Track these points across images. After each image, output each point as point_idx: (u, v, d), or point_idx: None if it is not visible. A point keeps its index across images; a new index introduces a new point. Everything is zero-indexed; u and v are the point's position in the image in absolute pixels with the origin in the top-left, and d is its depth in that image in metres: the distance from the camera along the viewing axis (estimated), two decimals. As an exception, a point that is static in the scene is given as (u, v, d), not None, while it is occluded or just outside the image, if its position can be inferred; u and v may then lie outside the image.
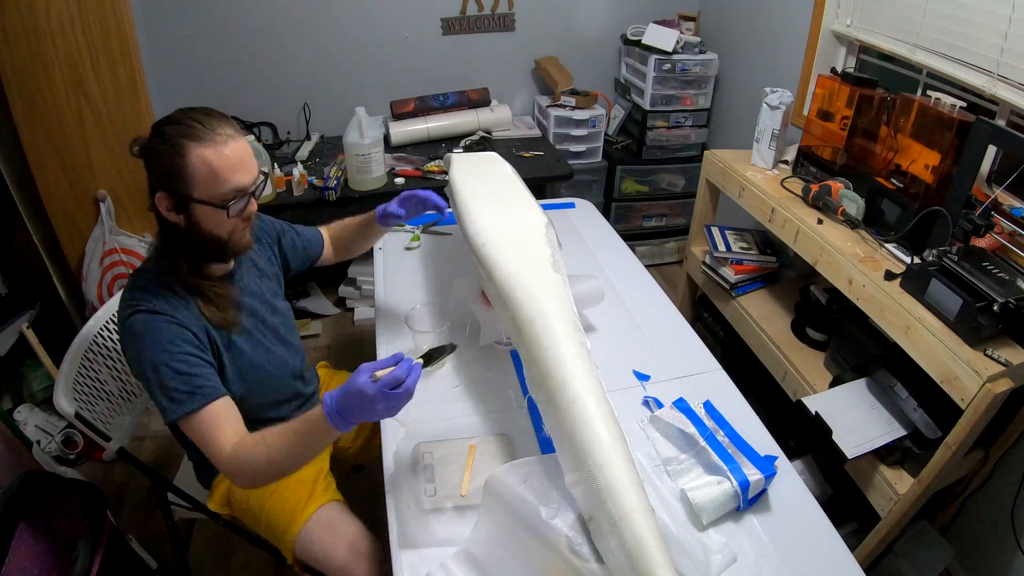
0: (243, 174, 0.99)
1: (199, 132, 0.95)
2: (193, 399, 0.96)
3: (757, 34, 2.53)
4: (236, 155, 0.98)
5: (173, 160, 0.94)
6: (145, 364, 0.97)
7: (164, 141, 0.95)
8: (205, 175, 0.95)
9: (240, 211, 1.01)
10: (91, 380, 1.28)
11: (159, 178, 0.97)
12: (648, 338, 1.39)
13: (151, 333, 0.97)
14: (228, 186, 0.97)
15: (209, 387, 0.98)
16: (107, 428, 1.27)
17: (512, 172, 1.48)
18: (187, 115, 0.98)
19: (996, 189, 1.47)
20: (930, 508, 1.60)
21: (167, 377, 0.96)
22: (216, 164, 0.95)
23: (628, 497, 0.78)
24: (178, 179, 0.95)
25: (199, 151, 0.94)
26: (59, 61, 1.80)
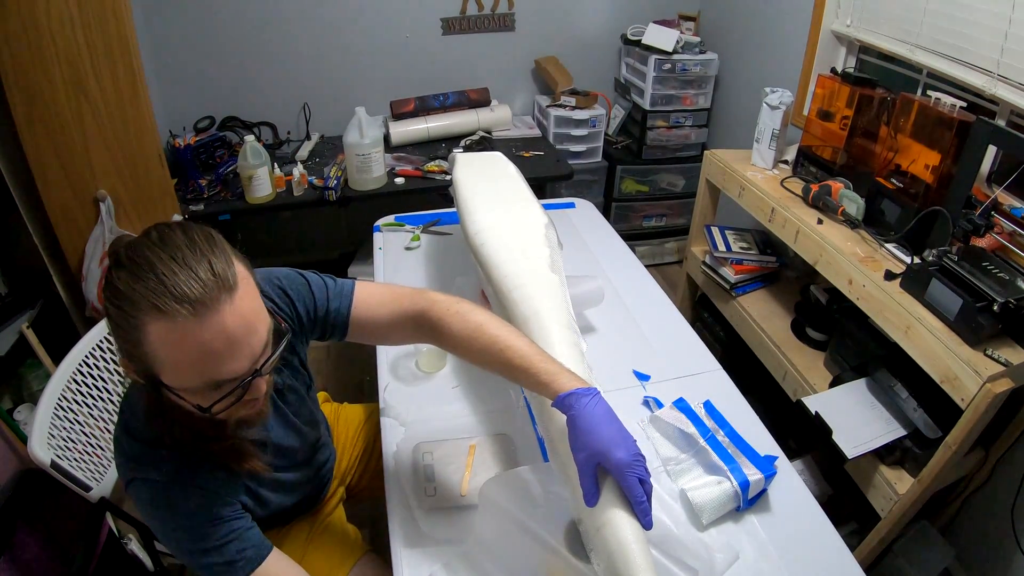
0: (231, 362, 0.66)
1: (159, 298, 0.61)
2: (235, 569, 0.79)
3: (757, 34, 2.53)
4: (219, 337, 0.64)
5: (127, 334, 0.65)
6: (166, 541, 0.80)
7: (116, 300, 0.64)
8: (171, 363, 0.65)
9: (232, 405, 0.70)
10: (68, 424, 1.17)
11: (115, 341, 0.69)
12: (648, 338, 1.39)
13: (161, 508, 0.77)
14: (207, 379, 0.66)
15: (250, 548, 0.80)
16: (87, 477, 1.17)
17: (516, 172, 1.49)
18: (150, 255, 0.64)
19: (996, 189, 1.47)
20: (930, 508, 1.60)
21: (197, 555, 0.78)
22: (186, 352, 0.64)
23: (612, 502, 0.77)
24: (136, 356, 0.66)
25: (159, 332, 0.63)
26: (59, 61, 1.80)
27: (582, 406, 0.77)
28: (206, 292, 0.63)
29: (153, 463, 0.77)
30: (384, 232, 1.81)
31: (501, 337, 0.87)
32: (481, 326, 0.89)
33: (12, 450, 1.64)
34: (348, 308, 0.93)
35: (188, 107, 2.52)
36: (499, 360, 0.86)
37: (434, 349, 1.27)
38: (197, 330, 0.63)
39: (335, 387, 2.35)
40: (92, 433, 1.24)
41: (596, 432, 0.75)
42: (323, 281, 0.95)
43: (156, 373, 0.67)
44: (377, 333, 0.98)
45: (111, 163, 1.97)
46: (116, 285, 0.64)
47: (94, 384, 1.27)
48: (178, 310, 0.61)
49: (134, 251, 0.65)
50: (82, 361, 1.24)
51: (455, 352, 0.93)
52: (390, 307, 0.95)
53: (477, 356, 0.89)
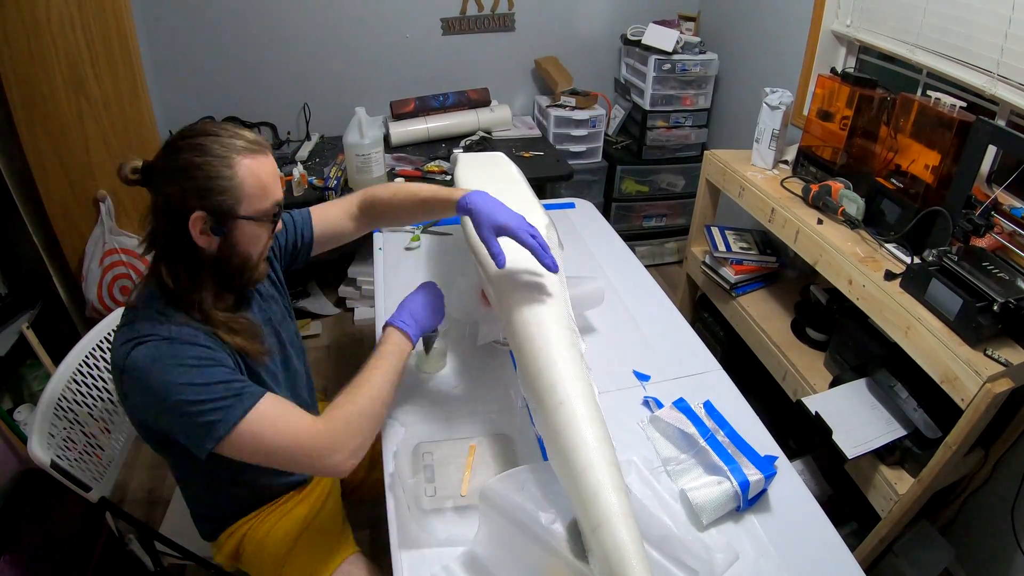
0: (279, 187, 0.95)
1: (240, 142, 0.88)
2: (242, 400, 0.85)
3: (757, 34, 2.53)
4: (273, 167, 0.93)
5: (221, 173, 0.86)
6: (164, 395, 0.83)
7: (205, 153, 0.86)
8: (253, 188, 0.89)
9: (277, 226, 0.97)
10: (68, 424, 1.19)
11: (197, 195, 0.85)
12: (648, 338, 1.39)
13: (164, 358, 0.84)
14: (272, 199, 0.92)
15: (251, 386, 0.89)
16: (87, 477, 1.18)
17: (517, 173, 1.49)
18: (215, 127, 0.89)
19: (996, 189, 1.47)
20: (930, 508, 1.60)
21: (201, 392, 0.83)
22: (263, 176, 0.90)
23: (608, 501, 0.77)
24: (225, 195, 0.87)
25: (248, 162, 0.88)
26: (59, 61, 1.80)
27: (476, 199, 1.05)
28: (263, 140, 0.93)
29: (157, 329, 0.87)
30: (384, 232, 1.81)
31: (413, 186, 1.17)
32: (399, 186, 1.19)
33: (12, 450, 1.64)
34: (310, 220, 1.19)
35: (188, 107, 2.52)
36: (416, 200, 1.16)
37: (434, 350, 1.27)
38: (266, 161, 0.91)
39: (335, 387, 2.33)
40: (92, 433, 1.24)
41: (491, 212, 1.03)
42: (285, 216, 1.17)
43: (235, 206, 0.88)
44: (335, 231, 1.21)
45: (111, 163, 1.97)
46: (201, 143, 0.86)
47: (94, 384, 1.27)
48: (255, 149, 0.90)
49: (199, 127, 0.89)
50: (82, 361, 1.24)
51: (390, 212, 1.20)
52: (338, 207, 1.22)
53: (403, 205, 1.18)
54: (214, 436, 0.83)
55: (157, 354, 0.84)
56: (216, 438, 0.83)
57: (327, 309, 2.73)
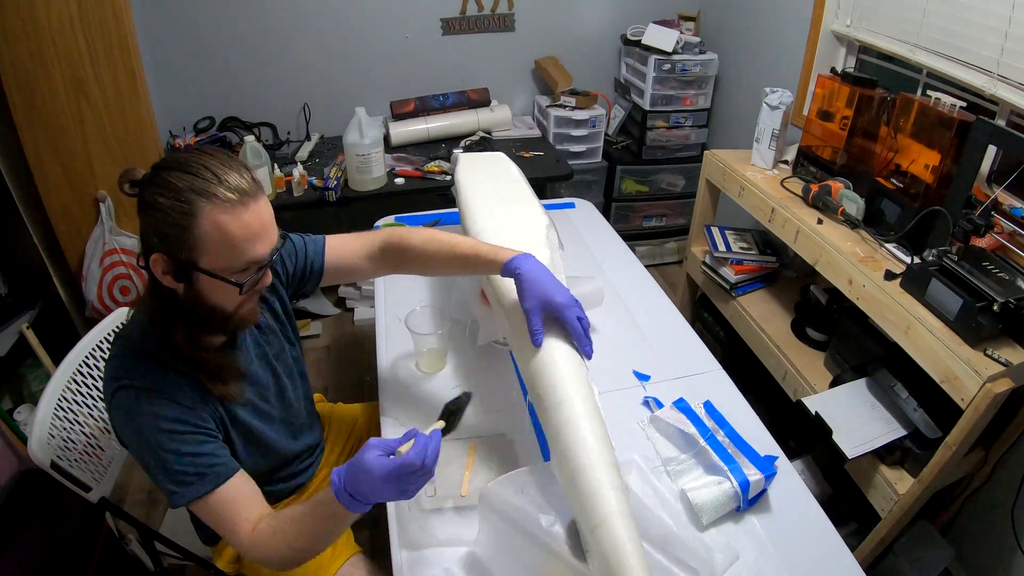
0: (262, 244, 0.83)
1: (214, 188, 0.77)
2: (203, 481, 0.84)
3: (757, 34, 2.53)
4: (257, 221, 0.81)
5: (179, 220, 0.77)
6: (142, 448, 0.84)
7: (170, 194, 0.77)
8: (218, 244, 0.79)
9: (253, 286, 0.86)
10: (68, 424, 1.18)
11: (157, 237, 0.80)
12: (648, 338, 1.39)
13: (144, 414, 0.83)
14: (244, 259, 0.81)
15: (220, 465, 0.87)
16: (87, 477, 1.17)
17: (518, 173, 1.49)
18: (200, 161, 0.79)
19: (996, 189, 1.47)
20: (930, 508, 1.60)
21: (170, 461, 0.83)
22: (233, 232, 0.79)
23: (607, 501, 0.77)
24: (182, 243, 0.78)
25: (214, 215, 0.77)
26: (59, 61, 1.80)
27: (525, 266, 0.97)
28: (249, 187, 0.81)
29: (141, 371, 0.85)
30: (384, 232, 1.81)
31: (450, 238, 1.06)
32: (433, 234, 1.08)
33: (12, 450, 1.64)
34: (323, 251, 1.08)
35: (188, 107, 2.52)
36: (451, 255, 1.05)
37: (434, 349, 1.27)
38: (243, 214, 0.79)
39: (335, 387, 2.35)
40: (92, 433, 1.24)
41: (540, 283, 0.95)
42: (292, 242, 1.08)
43: (196, 258, 0.79)
44: (349, 268, 1.11)
45: (111, 163, 1.97)
46: (171, 181, 0.77)
47: (94, 384, 1.27)
48: (230, 198, 0.78)
49: (182, 158, 0.80)
50: (82, 361, 1.24)
51: (419, 262, 1.09)
52: (360, 242, 1.11)
53: (436, 257, 1.06)
54: (172, 503, 0.85)
55: (135, 407, 0.84)
56: (174, 504, 0.85)
57: (327, 309, 2.73)
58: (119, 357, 0.88)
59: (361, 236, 1.12)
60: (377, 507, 1.07)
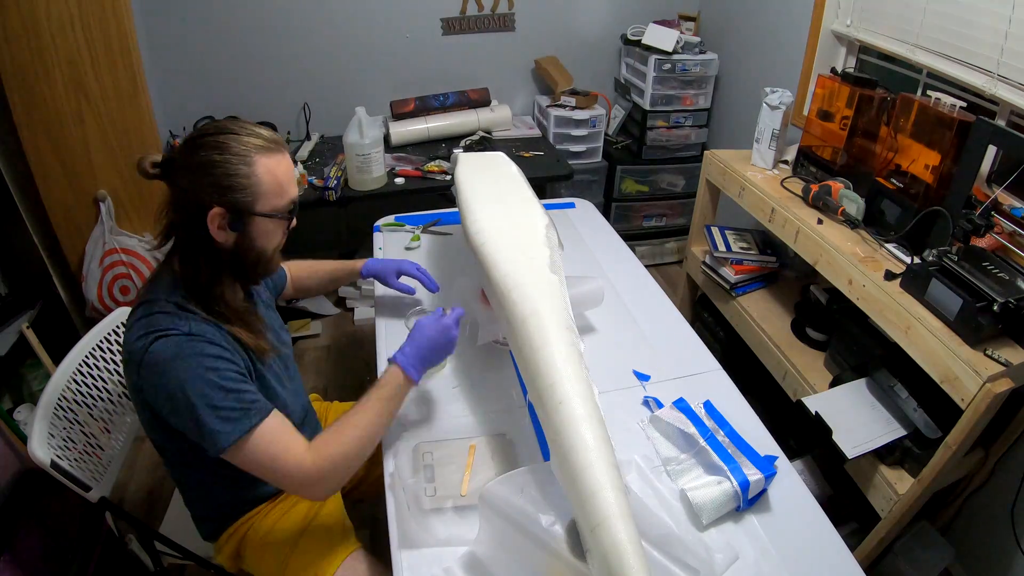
0: (295, 185, 0.98)
1: (258, 141, 0.91)
2: (249, 415, 0.88)
3: (757, 34, 2.53)
4: (290, 166, 0.96)
5: (239, 170, 0.89)
6: (182, 389, 0.86)
7: (224, 151, 0.89)
8: (271, 186, 0.92)
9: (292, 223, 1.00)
10: (68, 424, 1.18)
11: (216, 192, 0.88)
12: (648, 338, 1.39)
13: (184, 356, 0.86)
14: (288, 197, 0.95)
15: (260, 401, 0.92)
16: (87, 477, 1.17)
17: (517, 172, 1.49)
18: (235, 125, 0.92)
19: (996, 189, 1.47)
20: (930, 508, 1.60)
21: (215, 398, 0.86)
22: (280, 175, 0.93)
23: (607, 501, 0.77)
24: (243, 192, 0.90)
25: (265, 160, 0.91)
26: (59, 61, 1.80)
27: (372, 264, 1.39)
28: (280, 139, 0.96)
29: (178, 321, 0.90)
30: (384, 232, 1.81)
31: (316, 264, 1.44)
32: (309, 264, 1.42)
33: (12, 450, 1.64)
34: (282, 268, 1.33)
35: (188, 107, 2.52)
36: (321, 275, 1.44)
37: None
38: (284, 159, 0.95)
39: (335, 387, 2.35)
40: (92, 433, 1.24)
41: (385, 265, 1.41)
42: None
43: (252, 204, 0.91)
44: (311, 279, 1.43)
45: (111, 163, 1.98)
46: (221, 142, 0.89)
47: (94, 384, 1.27)
48: (273, 148, 0.93)
49: (221, 124, 0.92)
50: (82, 361, 1.24)
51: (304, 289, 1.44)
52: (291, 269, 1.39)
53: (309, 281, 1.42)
54: (217, 445, 0.87)
55: (178, 350, 0.87)
56: (218, 447, 0.87)
57: (327, 309, 2.73)
58: (148, 316, 0.90)
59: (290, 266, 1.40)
60: (377, 507, 1.07)
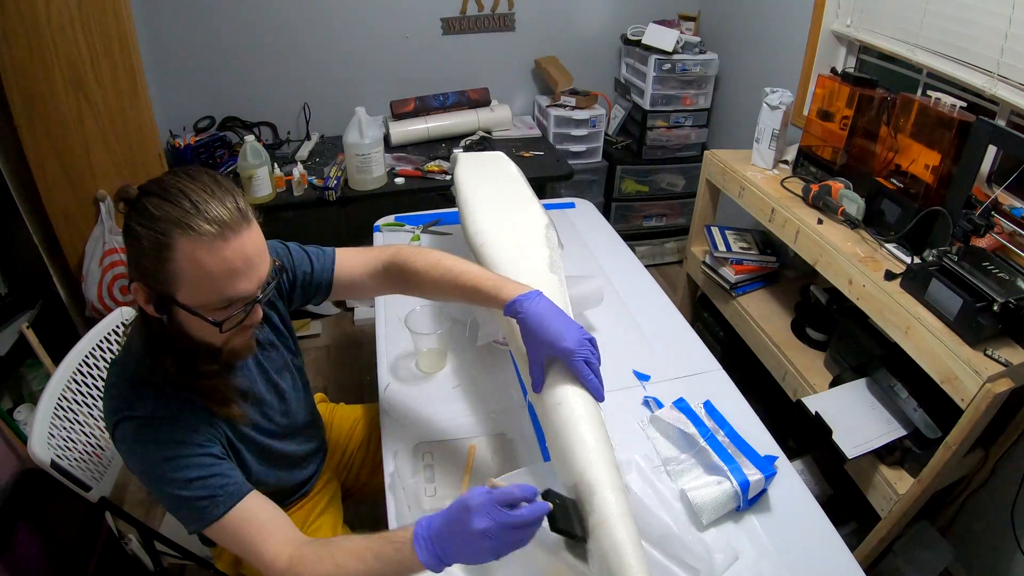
0: (246, 281, 0.76)
1: (192, 219, 0.71)
2: (215, 504, 0.81)
3: (757, 34, 2.53)
4: (240, 256, 0.75)
5: (155, 251, 0.72)
6: (150, 478, 0.82)
7: (147, 223, 0.72)
8: (195, 279, 0.73)
9: (237, 323, 0.79)
10: (68, 424, 1.18)
11: (135, 266, 0.76)
12: (648, 338, 1.39)
13: (144, 443, 0.81)
14: (224, 296, 0.76)
15: (232, 484, 0.83)
16: (87, 477, 1.17)
17: (517, 172, 1.49)
18: (182, 186, 0.74)
19: (996, 189, 1.47)
20: (930, 508, 1.60)
21: (179, 488, 0.80)
22: (211, 268, 0.73)
23: (606, 501, 0.77)
24: (158, 275, 0.74)
25: (189, 248, 0.72)
26: (59, 61, 1.80)
27: (528, 307, 0.88)
28: (232, 218, 0.74)
29: (140, 400, 0.82)
30: (384, 232, 1.81)
31: (454, 266, 0.99)
32: (440, 259, 1.01)
33: (12, 450, 1.64)
34: (332, 266, 1.04)
35: (188, 107, 2.52)
36: (454, 285, 0.97)
37: (434, 349, 1.27)
38: (223, 249, 0.73)
39: (335, 387, 2.35)
40: (92, 433, 1.24)
41: (543, 327, 0.87)
42: (304, 251, 1.05)
43: (173, 292, 0.75)
44: (356, 285, 1.07)
45: (111, 163, 1.97)
46: (148, 209, 0.73)
47: (94, 384, 1.27)
48: (209, 230, 0.72)
49: (164, 183, 0.75)
50: (82, 361, 1.24)
51: (420, 287, 1.03)
52: (365, 258, 1.06)
53: (437, 284, 1.00)
54: (188, 530, 0.83)
55: (137, 436, 0.81)
56: (190, 531, 0.84)
57: (327, 309, 2.73)
58: (116, 386, 0.85)
59: (367, 251, 1.08)
60: (377, 507, 1.07)
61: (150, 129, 2.00)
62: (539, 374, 0.89)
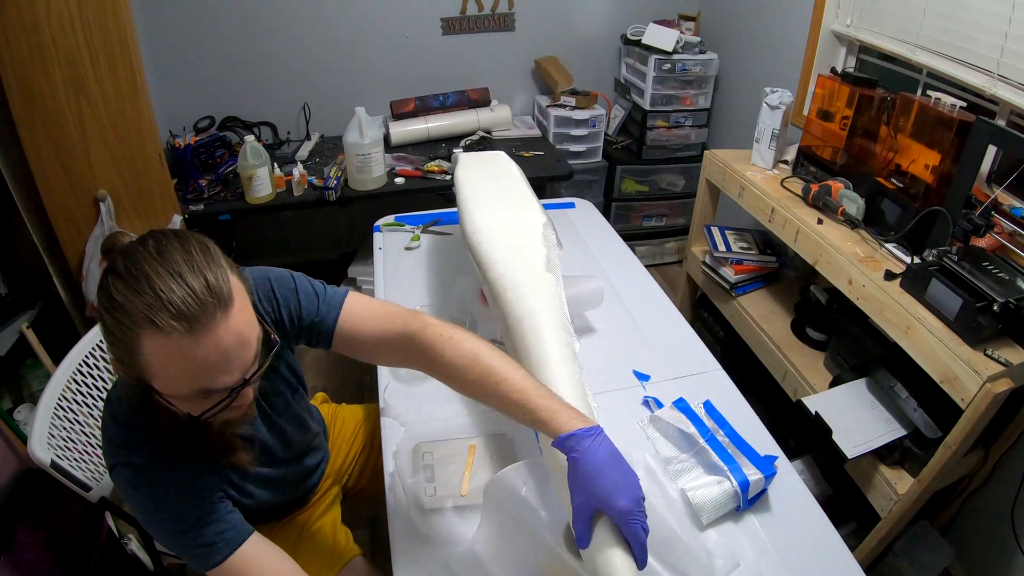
0: (223, 375, 0.68)
1: (157, 313, 0.62)
2: (214, 551, 0.79)
3: (757, 34, 2.53)
4: (214, 351, 0.66)
5: (122, 343, 0.66)
6: (148, 523, 0.81)
7: (113, 310, 0.65)
8: (164, 375, 0.67)
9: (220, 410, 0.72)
10: (68, 424, 1.17)
11: (108, 347, 0.69)
12: (648, 338, 1.39)
13: (141, 488, 0.78)
14: (194, 386, 0.68)
15: (230, 530, 0.80)
16: (87, 477, 1.16)
17: (517, 172, 1.49)
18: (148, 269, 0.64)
19: (996, 189, 1.47)
20: (930, 508, 1.60)
21: (176, 536, 0.79)
22: (181, 366, 0.65)
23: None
24: (130, 364, 0.67)
25: (156, 346, 0.64)
26: (59, 61, 1.80)
27: (584, 449, 0.73)
28: (202, 309, 0.64)
29: (136, 446, 0.78)
30: (384, 232, 1.81)
31: (497, 368, 0.83)
32: (477, 356, 0.84)
33: (12, 450, 1.64)
34: (335, 319, 0.90)
35: (188, 107, 2.52)
36: (494, 393, 0.82)
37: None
38: (191, 346, 0.64)
39: (335, 387, 2.35)
40: (92, 433, 1.24)
41: (598, 478, 0.71)
42: (313, 289, 0.92)
43: (148, 380, 0.68)
44: (363, 349, 0.93)
45: (111, 163, 1.97)
46: (113, 296, 0.65)
47: (94, 384, 1.27)
48: (174, 326, 0.63)
49: (131, 262, 0.66)
50: (82, 361, 1.24)
51: (447, 381, 0.89)
52: (380, 324, 0.91)
53: (471, 387, 0.86)
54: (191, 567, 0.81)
55: (134, 484, 0.79)
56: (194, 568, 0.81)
57: (327, 309, 2.72)
58: (111, 427, 0.80)
59: (383, 312, 0.92)
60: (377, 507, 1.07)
61: (150, 129, 2.00)
62: (586, 529, 0.73)
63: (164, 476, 0.78)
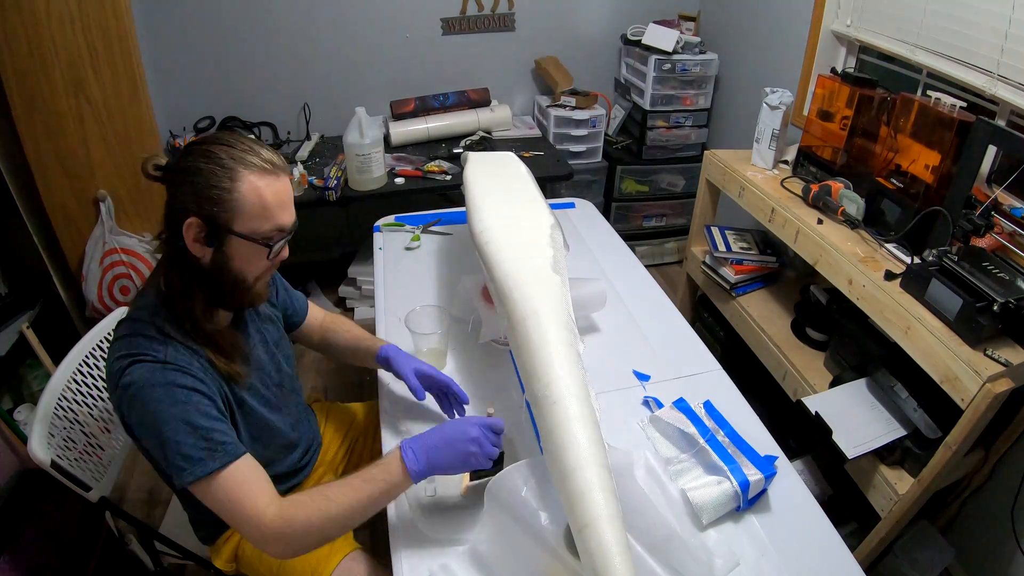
0: (288, 213, 0.91)
1: (252, 157, 0.86)
2: (214, 457, 0.84)
3: (757, 34, 2.53)
4: (286, 191, 0.91)
5: (220, 183, 0.84)
6: (151, 421, 0.84)
7: (211, 160, 0.84)
8: (253, 207, 0.86)
9: (278, 253, 0.93)
10: (68, 424, 1.18)
11: (195, 201, 0.85)
12: (648, 338, 1.39)
13: (157, 384, 0.84)
14: (273, 223, 0.89)
15: (231, 443, 0.87)
16: (87, 477, 1.16)
17: (526, 172, 1.48)
18: (236, 137, 0.88)
19: (996, 189, 1.47)
20: (930, 508, 1.60)
21: (181, 433, 0.83)
22: (267, 197, 0.87)
23: (596, 503, 0.77)
24: (220, 206, 0.85)
25: (252, 179, 0.85)
26: (59, 61, 1.80)
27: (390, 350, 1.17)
28: (280, 163, 0.90)
29: (153, 348, 0.87)
30: (384, 232, 1.81)
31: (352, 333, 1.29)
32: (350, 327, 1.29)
33: (12, 450, 1.64)
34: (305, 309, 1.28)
35: (188, 107, 2.52)
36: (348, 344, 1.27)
37: (434, 349, 1.27)
38: (275, 183, 0.88)
39: (335, 387, 2.35)
40: (92, 433, 1.24)
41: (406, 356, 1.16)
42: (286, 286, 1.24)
43: (231, 221, 0.86)
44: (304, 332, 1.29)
45: (111, 163, 1.98)
46: (213, 151, 0.85)
47: (94, 384, 1.27)
48: (265, 166, 0.87)
49: (221, 135, 0.89)
50: (82, 361, 1.24)
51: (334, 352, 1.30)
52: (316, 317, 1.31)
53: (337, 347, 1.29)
54: (179, 480, 0.83)
55: (151, 377, 0.84)
56: (180, 483, 0.84)
57: (327, 309, 2.72)
58: (129, 337, 0.88)
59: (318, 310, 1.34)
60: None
61: (150, 129, 2.00)
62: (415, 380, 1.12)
63: (180, 376, 0.86)
